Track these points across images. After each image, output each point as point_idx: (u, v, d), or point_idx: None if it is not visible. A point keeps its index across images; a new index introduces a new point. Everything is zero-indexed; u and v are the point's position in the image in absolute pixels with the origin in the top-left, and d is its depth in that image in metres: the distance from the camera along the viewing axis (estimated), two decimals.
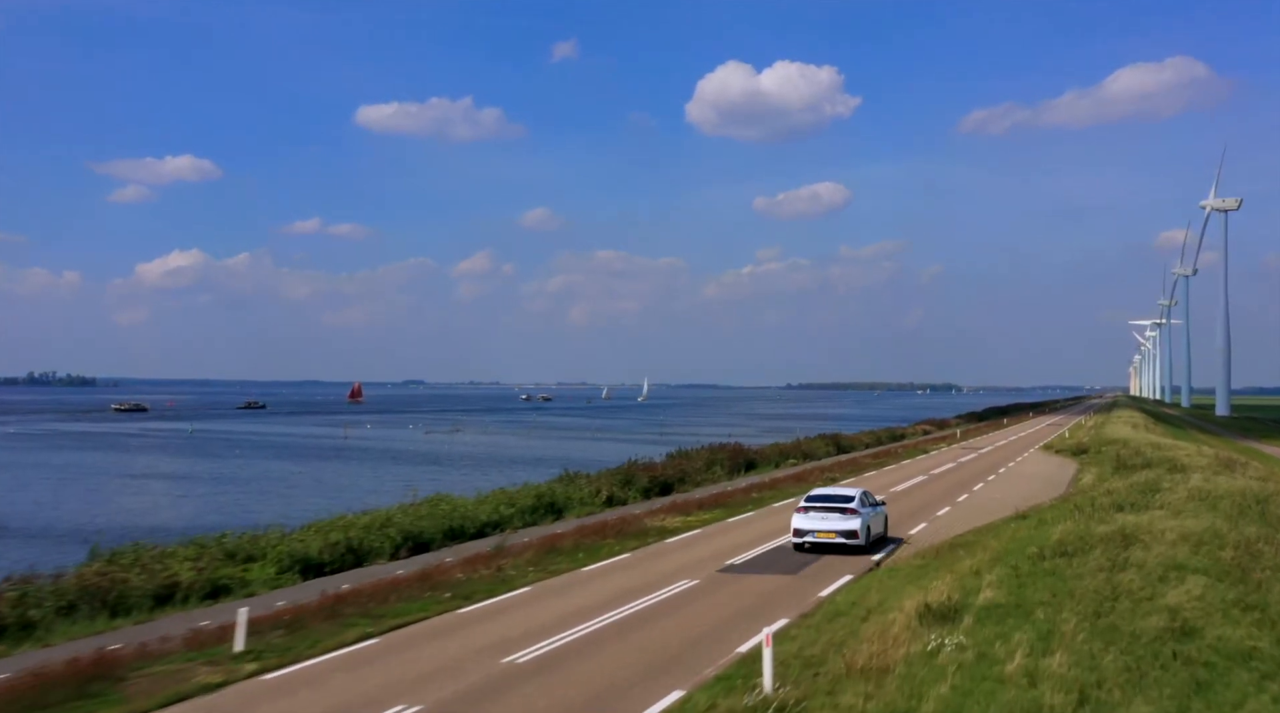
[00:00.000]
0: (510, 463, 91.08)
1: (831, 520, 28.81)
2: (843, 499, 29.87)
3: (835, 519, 28.81)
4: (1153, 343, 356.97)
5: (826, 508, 29.29)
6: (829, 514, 28.99)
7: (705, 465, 62.50)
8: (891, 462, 61.72)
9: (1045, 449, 72.47)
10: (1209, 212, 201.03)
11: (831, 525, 28.72)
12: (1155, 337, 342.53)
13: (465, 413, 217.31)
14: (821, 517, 29.00)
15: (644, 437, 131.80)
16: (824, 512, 29.17)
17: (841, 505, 29.29)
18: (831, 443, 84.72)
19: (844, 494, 30.57)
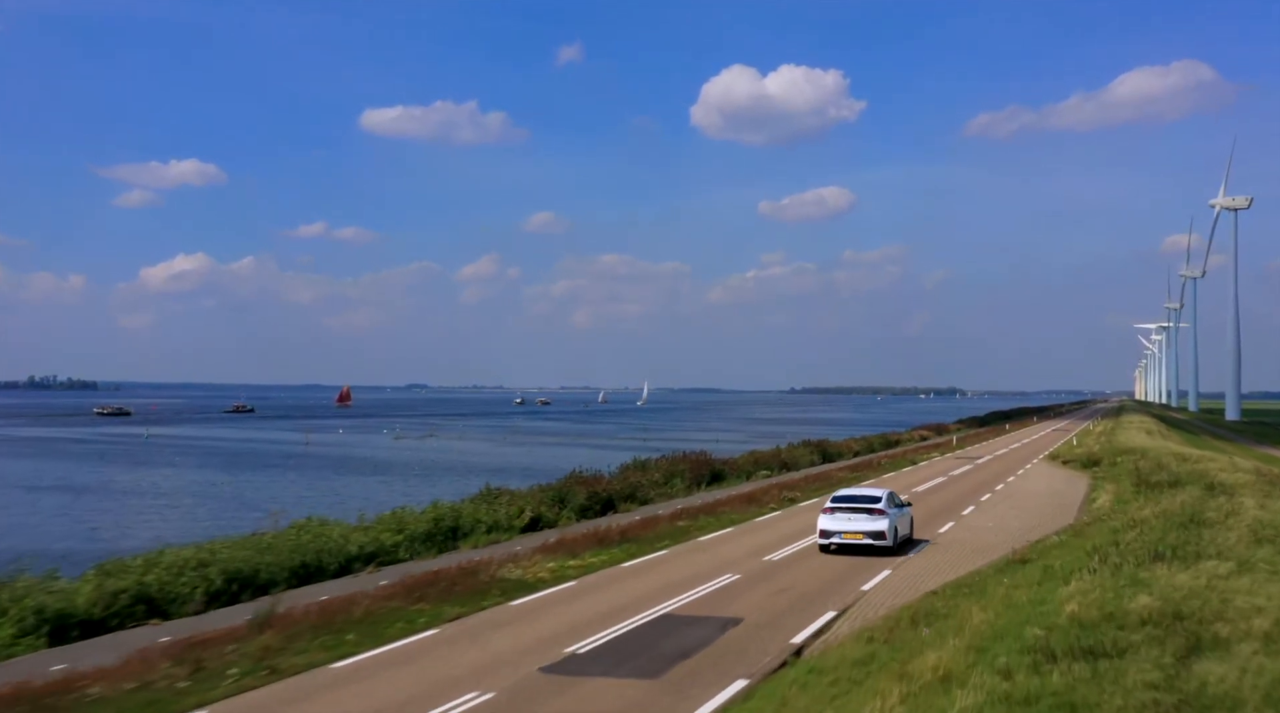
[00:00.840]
0: (466, 472, 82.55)
1: (859, 521, 28.30)
2: (869, 499, 29.35)
3: (862, 520, 28.31)
4: (1158, 347, 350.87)
5: (853, 508, 28.73)
6: (856, 515, 28.46)
7: (664, 478, 54.09)
8: (872, 475, 52.71)
9: (1051, 460, 63.37)
10: (1219, 210, 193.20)
11: (859, 526, 28.22)
12: (1161, 340, 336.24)
13: (452, 417, 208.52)
14: (848, 517, 28.46)
15: (624, 443, 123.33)
16: (850, 512, 28.60)
17: (869, 506, 28.76)
18: (817, 451, 76.40)
19: (871, 494, 30.10)
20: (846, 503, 29.21)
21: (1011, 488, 45.50)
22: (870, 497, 29.75)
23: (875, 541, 27.99)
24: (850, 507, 28.88)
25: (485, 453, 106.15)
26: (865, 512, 28.50)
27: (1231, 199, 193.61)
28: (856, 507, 28.81)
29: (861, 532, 28.08)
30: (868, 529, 28.09)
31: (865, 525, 28.15)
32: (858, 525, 28.20)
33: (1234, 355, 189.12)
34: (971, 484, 45.97)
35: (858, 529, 28.15)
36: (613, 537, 29.54)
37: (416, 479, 77.69)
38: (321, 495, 64.95)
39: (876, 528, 28.10)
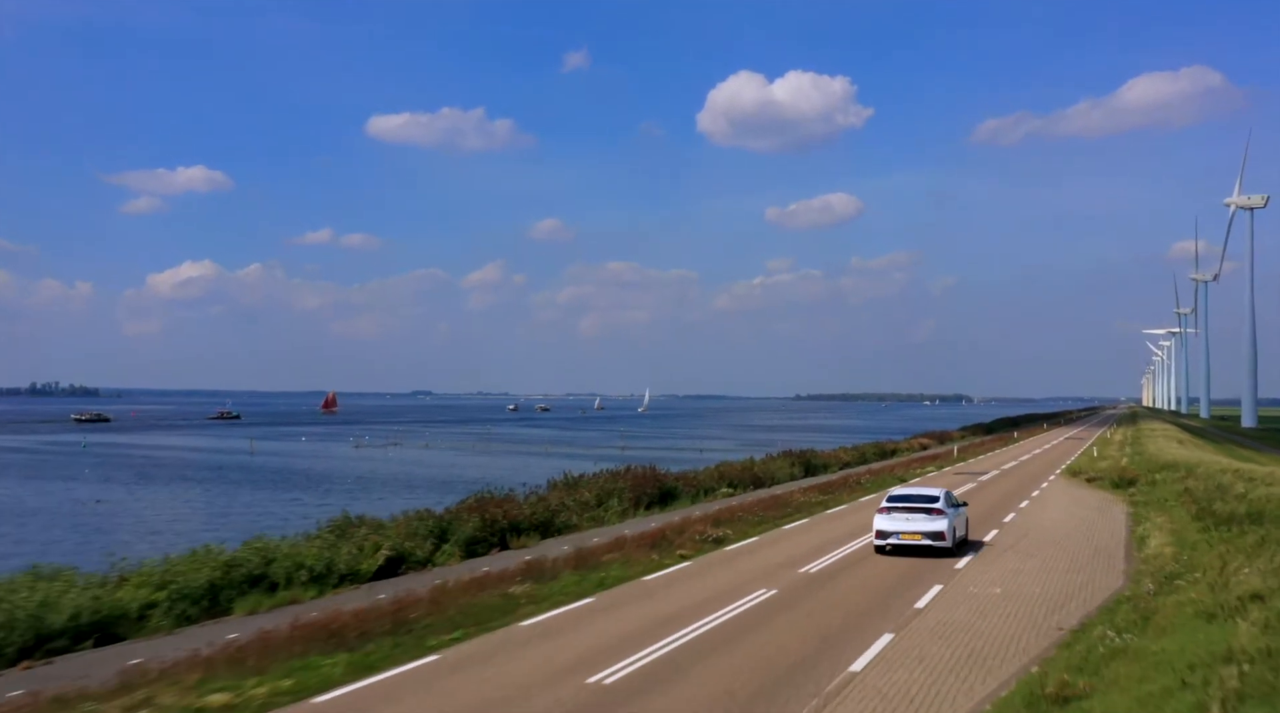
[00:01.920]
0: (403, 485, 71.96)
1: (917, 521, 27.17)
2: (927, 499, 28.24)
3: (921, 520, 27.19)
4: (1167, 353, 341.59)
5: (911, 508, 27.65)
6: (914, 515, 27.38)
7: (597, 499, 43.44)
8: (846, 498, 41.22)
9: (1070, 476, 51.69)
10: (1234, 210, 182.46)
11: (917, 527, 27.02)
12: (1170, 346, 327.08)
13: (437, 424, 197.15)
14: (906, 518, 27.35)
15: (600, 452, 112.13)
16: (908, 512, 27.51)
17: (927, 506, 27.69)
18: (800, 463, 65.47)
19: (929, 494, 28.88)
20: (903, 502, 28.15)
21: (1026, 520, 33.81)
22: (928, 496, 28.58)
23: (934, 541, 26.99)
24: (908, 506, 27.81)
25: (440, 463, 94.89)
26: (923, 511, 27.47)
27: (1247, 198, 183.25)
28: (914, 506, 27.75)
29: (920, 532, 27.05)
30: (927, 530, 27.07)
31: (924, 526, 27.13)
32: (916, 526, 27.15)
33: (1250, 360, 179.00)
34: (972, 514, 34.69)
35: (916, 529, 27.10)
36: (379, 624, 17.63)
37: (340, 494, 66.72)
38: (206, 517, 54.74)
39: (936, 528, 27.09)
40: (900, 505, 27.96)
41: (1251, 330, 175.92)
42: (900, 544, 27.13)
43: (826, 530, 31.15)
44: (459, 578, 21.97)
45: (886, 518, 27.62)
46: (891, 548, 27.25)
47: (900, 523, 27.32)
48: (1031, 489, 44.72)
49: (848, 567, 24.58)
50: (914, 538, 27.03)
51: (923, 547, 26.90)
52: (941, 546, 26.95)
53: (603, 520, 40.88)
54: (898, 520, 27.41)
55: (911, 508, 27.71)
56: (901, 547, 27.12)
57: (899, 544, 27.15)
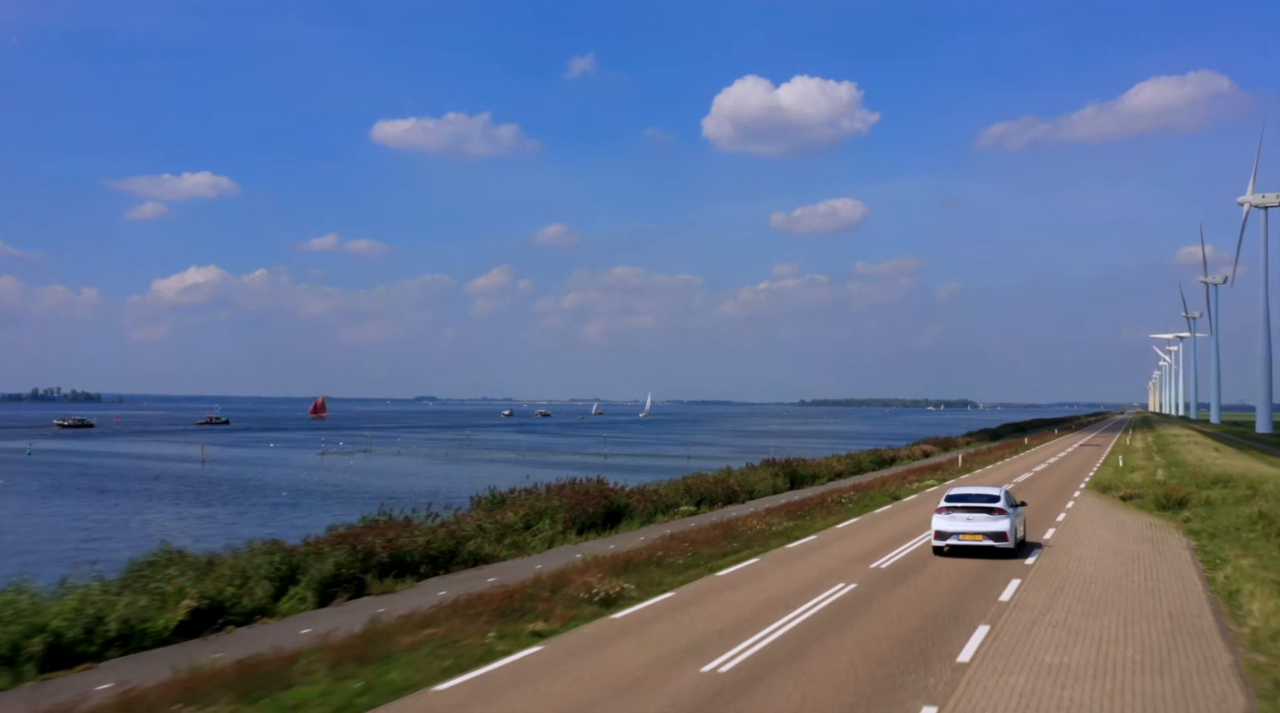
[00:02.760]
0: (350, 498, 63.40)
1: (978, 521, 26.16)
2: (988, 498, 27.14)
3: (982, 520, 26.17)
4: (1174, 358, 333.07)
5: (972, 508, 26.61)
6: (975, 515, 26.35)
7: (524, 521, 35.24)
8: (818, 523, 32.08)
9: (1099, 492, 42.77)
10: (1248, 209, 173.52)
11: (978, 527, 26.08)
12: (1178, 351, 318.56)
13: (421, 430, 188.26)
14: (967, 518, 26.32)
15: (578, 459, 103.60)
16: (969, 512, 26.47)
17: (988, 505, 26.61)
18: (785, 473, 56.93)
19: (989, 493, 27.63)
20: (963, 502, 27.02)
21: (1057, 563, 24.59)
22: (988, 495, 27.41)
23: (996, 542, 25.93)
24: (968, 506, 26.73)
25: (399, 472, 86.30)
26: (985, 511, 26.41)
27: (1261, 197, 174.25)
28: (975, 506, 26.67)
29: (981, 532, 26.01)
30: (988, 530, 26.01)
31: (986, 526, 26.06)
32: (978, 526, 26.11)
33: (1264, 363, 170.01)
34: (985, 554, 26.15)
35: (977, 530, 26.06)
36: None
37: (262, 509, 58.90)
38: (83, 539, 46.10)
39: (998, 528, 26.01)
40: (960, 505, 26.94)
41: (1266, 332, 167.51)
42: (960, 545, 26.23)
43: (777, 581, 21.98)
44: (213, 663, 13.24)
45: (946, 518, 26.65)
46: (949, 549, 26.38)
47: (960, 523, 26.38)
48: (1055, 512, 35.70)
49: (787, 663, 15.26)
50: (975, 538, 26.19)
51: (984, 548, 26.05)
52: (1004, 546, 26.05)
53: (527, 548, 32.70)
54: (958, 520, 26.47)
55: (972, 507, 26.74)
56: (961, 548, 26.21)
57: (959, 545, 26.25)
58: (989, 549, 25.97)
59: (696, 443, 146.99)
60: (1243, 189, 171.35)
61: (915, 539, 28.70)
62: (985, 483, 50.51)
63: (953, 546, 26.31)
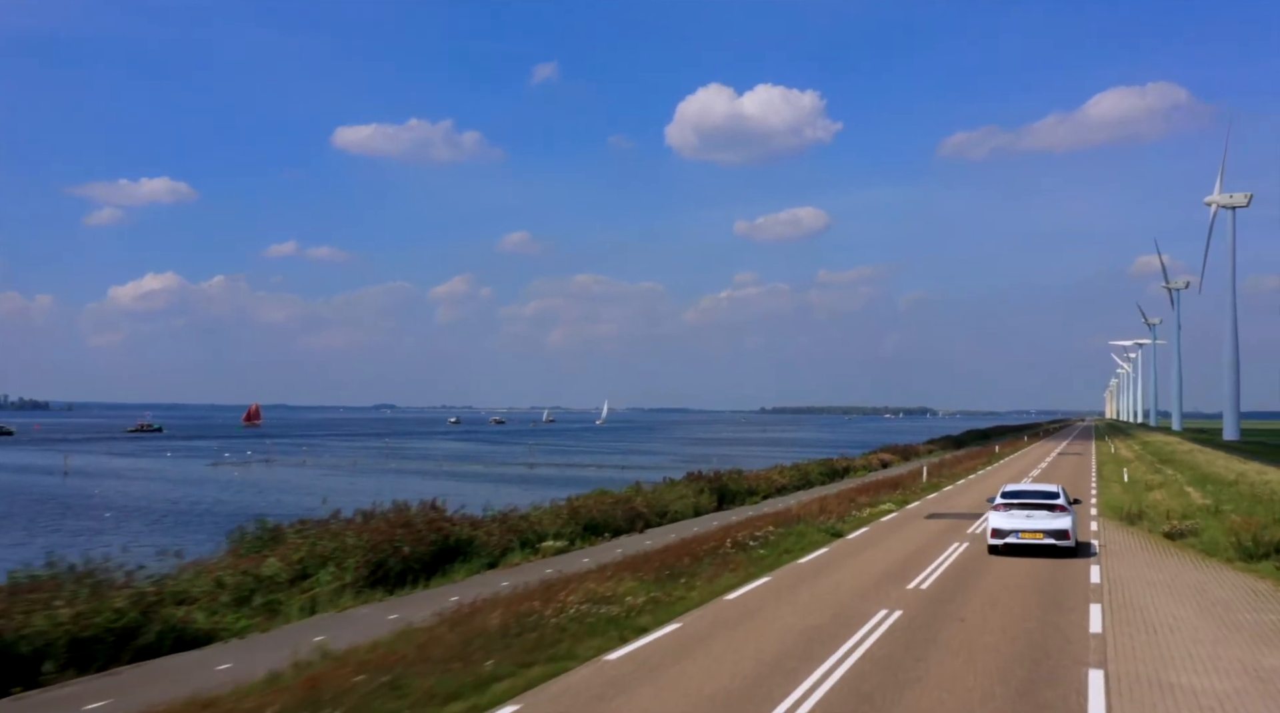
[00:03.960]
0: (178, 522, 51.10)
1: (1039, 519, 24.77)
2: (1047, 495, 25.88)
3: (1043, 518, 24.79)
4: (1133, 365, 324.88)
5: (1031, 504, 25.27)
6: (1035, 512, 24.98)
7: (297, 569, 23.32)
8: (695, 594, 19.13)
9: (1123, 523, 30.43)
10: (1215, 209, 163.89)
11: (1039, 525, 24.65)
12: (1137, 358, 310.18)
13: (357, 437, 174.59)
14: (1026, 515, 24.94)
15: (501, 470, 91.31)
16: (1028, 509, 25.12)
17: (1049, 502, 25.29)
18: (712, 488, 45.90)
19: (1047, 490, 26.47)
20: (1020, 498, 25.67)
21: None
22: (1047, 492, 26.13)
23: (1058, 540, 24.51)
24: (1027, 503, 25.36)
25: (284, 486, 73.46)
26: (1045, 509, 25.03)
27: (1229, 196, 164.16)
28: (1035, 503, 25.29)
29: (1042, 530, 24.54)
30: (1049, 528, 24.54)
31: (1046, 524, 24.61)
32: (1038, 524, 24.64)
33: (1231, 369, 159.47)
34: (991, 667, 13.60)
35: (1038, 528, 24.58)
36: None
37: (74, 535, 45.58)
38: None
39: (1059, 526, 24.60)
40: (1018, 501, 25.48)
41: (1233, 336, 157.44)
42: (1019, 544, 24.66)
43: None
44: None
45: (1005, 516, 25.13)
46: (1006, 547, 24.81)
47: (1019, 521, 24.86)
48: (1079, 564, 23.40)
49: None
50: (1035, 537, 24.57)
51: (1045, 546, 24.51)
52: (1065, 545, 24.54)
53: (284, 613, 20.92)
54: (1016, 518, 24.95)
55: (1031, 504, 25.27)
56: (1019, 546, 24.64)
57: (1017, 544, 24.68)
58: (1049, 548, 24.47)
59: (641, 452, 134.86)
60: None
61: (862, 633, 16.01)
62: (960, 503, 38.37)
63: (1010, 544, 24.79)
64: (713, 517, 40.76)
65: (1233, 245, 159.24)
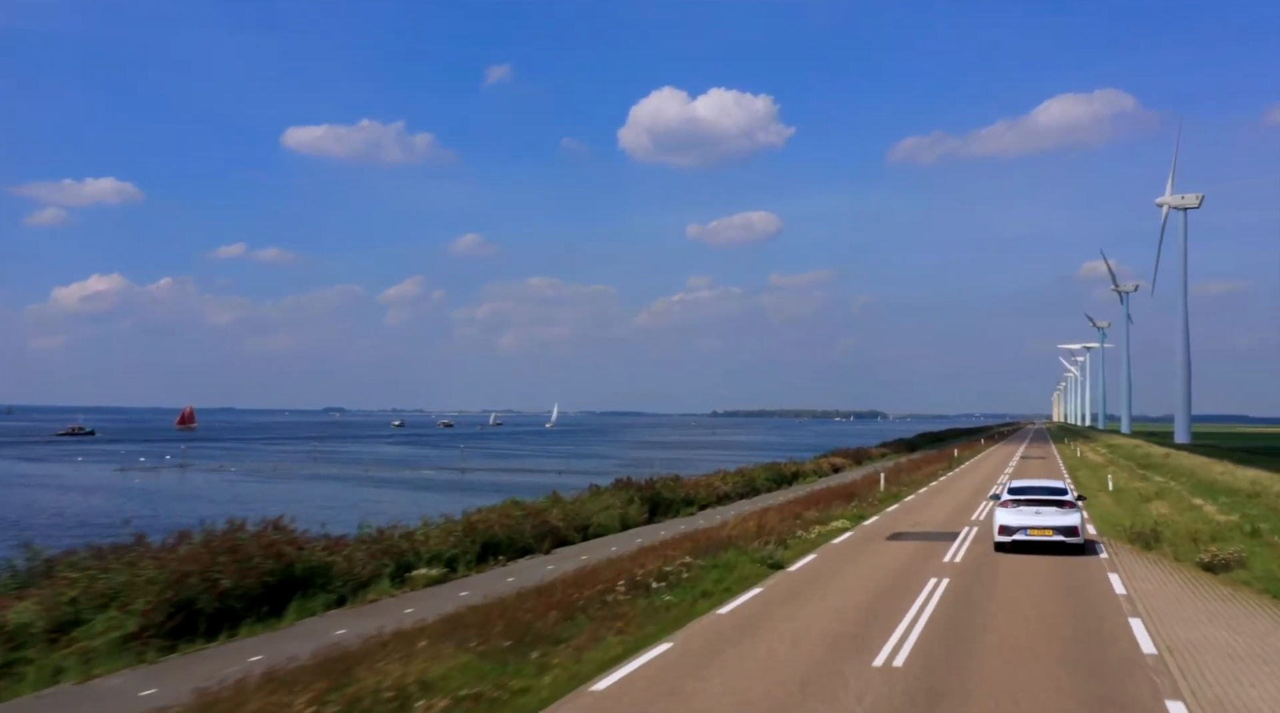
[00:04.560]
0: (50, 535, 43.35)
1: (1047, 515, 24.19)
2: (1055, 491, 25.46)
3: (1052, 514, 24.21)
4: (1081, 368, 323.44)
5: (1039, 501, 24.76)
6: (1043, 508, 24.44)
7: (68, 614, 16.76)
8: (611, 637, 13.36)
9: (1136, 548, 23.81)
10: (1167, 210, 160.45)
11: (1048, 521, 24.05)
12: (1085, 361, 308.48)
13: (289, 441, 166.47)
14: (1035, 511, 24.39)
15: (434, 476, 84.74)
16: (1037, 505, 24.60)
17: (1058, 498, 24.84)
18: (644, 498, 41.28)
19: (1055, 486, 26.16)
20: (1027, 494, 25.16)
21: None
22: (1056, 489, 25.70)
23: (1067, 537, 23.86)
24: (1035, 499, 24.86)
25: (183, 495, 66.50)
26: (1055, 505, 24.50)
27: (1180, 197, 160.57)
28: (1043, 499, 24.81)
29: (1052, 527, 23.93)
30: (1059, 524, 23.94)
31: (1055, 520, 24.01)
32: (1047, 520, 24.04)
33: (1184, 370, 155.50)
34: None
35: (1047, 524, 23.97)
36: None
37: None
38: None
39: (1068, 523, 24.03)
40: (1026, 498, 24.89)
41: (1185, 338, 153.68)
42: (1027, 540, 23.96)
43: None
44: None
45: (1013, 512, 24.47)
46: (1014, 544, 24.09)
47: (1028, 517, 24.21)
48: (1118, 626, 16.35)
49: None
50: (1044, 533, 23.91)
51: (1053, 543, 23.80)
52: (1074, 542, 23.94)
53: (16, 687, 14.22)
54: (1025, 515, 24.30)
55: (1040, 500, 24.75)
56: (1028, 543, 23.93)
57: (1026, 540, 23.97)
58: (1058, 545, 23.72)
59: (584, 455, 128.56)
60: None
61: None
62: (927, 518, 32.51)
63: (1018, 541, 24.03)
64: (640, 532, 35.05)
65: (1184, 246, 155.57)
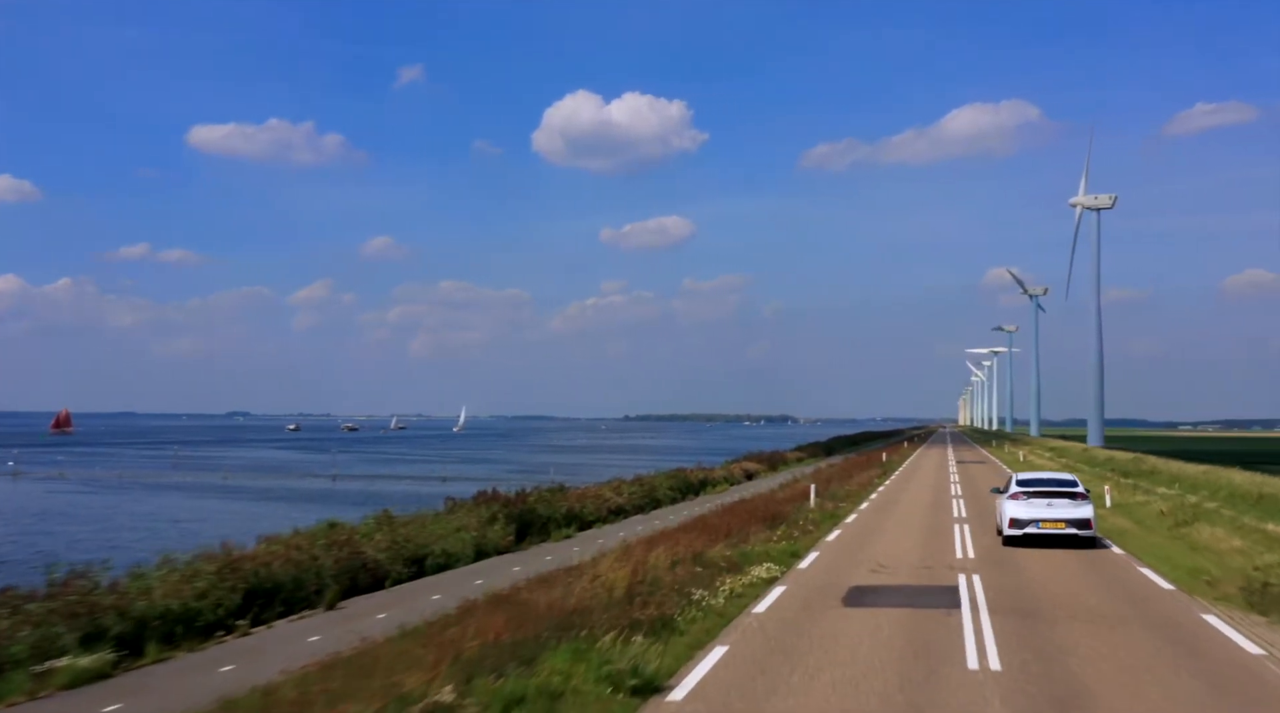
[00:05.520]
0: None
1: (1060, 508, 23.39)
2: (1066, 483, 24.55)
3: (1064, 506, 23.41)
4: (987, 373, 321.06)
5: (1050, 493, 23.77)
6: (1056, 500, 23.53)
7: None
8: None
9: (1215, 597, 15.77)
10: (1080, 211, 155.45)
11: (1060, 514, 23.32)
12: (992, 366, 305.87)
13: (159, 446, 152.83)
14: (1047, 503, 23.50)
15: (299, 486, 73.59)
16: (1048, 498, 23.62)
17: (1069, 490, 23.93)
18: (510, 515, 32.44)
19: (1065, 478, 25.28)
20: (1038, 487, 24.17)
21: None
22: (1066, 480, 24.86)
23: (1080, 530, 23.24)
24: (1045, 491, 23.89)
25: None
26: (1067, 497, 23.65)
27: (1094, 198, 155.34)
28: (1054, 492, 23.86)
29: (1064, 520, 23.24)
30: (1071, 517, 23.24)
31: (1068, 513, 23.28)
32: (1059, 513, 23.28)
33: (1096, 371, 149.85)
34: None
35: (1059, 517, 23.23)
36: None
37: None
38: None
39: (1081, 515, 23.33)
40: (1036, 490, 23.91)
41: (1098, 342, 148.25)
42: (1039, 534, 23.15)
43: None
44: None
45: (1023, 505, 23.54)
46: (1025, 537, 23.23)
47: (1040, 510, 23.35)
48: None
49: None
50: (1056, 526, 23.22)
51: (1065, 536, 23.17)
52: (1086, 534, 23.37)
53: None
54: (1036, 507, 23.43)
55: (1051, 493, 23.80)
56: (1039, 536, 23.10)
57: (1037, 534, 23.16)
58: (1072, 538, 23.05)
59: (480, 460, 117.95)
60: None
61: None
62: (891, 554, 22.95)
63: (1029, 534, 23.20)
64: (500, 562, 25.64)
65: (1097, 247, 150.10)
